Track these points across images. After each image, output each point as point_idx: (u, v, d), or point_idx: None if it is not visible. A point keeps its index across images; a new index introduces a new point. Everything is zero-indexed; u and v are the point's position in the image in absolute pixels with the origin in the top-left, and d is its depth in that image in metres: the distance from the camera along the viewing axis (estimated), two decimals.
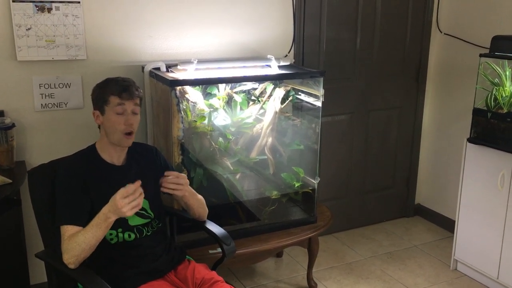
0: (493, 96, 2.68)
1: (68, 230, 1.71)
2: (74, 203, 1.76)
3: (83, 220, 1.73)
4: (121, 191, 1.60)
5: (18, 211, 2.32)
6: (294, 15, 2.95)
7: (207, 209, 2.08)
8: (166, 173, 1.88)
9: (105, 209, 1.65)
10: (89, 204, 1.76)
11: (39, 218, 1.88)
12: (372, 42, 3.29)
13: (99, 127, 1.89)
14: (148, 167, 1.97)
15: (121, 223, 1.82)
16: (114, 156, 1.88)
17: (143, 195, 1.63)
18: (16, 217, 2.32)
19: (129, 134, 1.83)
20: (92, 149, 1.89)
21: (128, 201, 1.59)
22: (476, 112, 2.74)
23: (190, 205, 1.99)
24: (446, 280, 2.94)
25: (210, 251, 2.33)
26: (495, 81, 2.69)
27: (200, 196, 2.04)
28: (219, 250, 2.03)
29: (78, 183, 1.78)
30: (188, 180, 1.91)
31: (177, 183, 1.87)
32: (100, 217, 1.65)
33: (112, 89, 1.80)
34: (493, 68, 2.69)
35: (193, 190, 1.99)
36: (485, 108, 2.70)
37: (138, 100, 1.86)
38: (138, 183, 1.62)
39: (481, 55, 2.71)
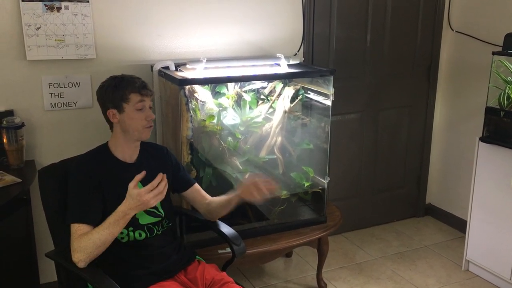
0: (506, 95, 2.64)
1: (79, 228, 1.71)
2: (86, 202, 1.76)
3: (94, 219, 1.74)
4: (147, 187, 1.64)
5: (28, 210, 2.33)
6: (303, 13, 2.93)
7: None
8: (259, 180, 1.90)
9: (123, 206, 1.67)
10: (101, 202, 1.77)
11: (49, 217, 1.88)
12: (383, 40, 3.26)
13: (110, 126, 1.90)
14: (159, 165, 1.97)
15: (132, 222, 1.82)
16: (127, 153, 1.89)
17: (166, 183, 1.67)
18: (26, 216, 2.33)
19: (149, 127, 1.88)
20: (104, 147, 1.90)
21: (153, 194, 1.64)
22: (489, 111, 2.70)
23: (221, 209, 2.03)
24: (458, 281, 2.91)
25: (219, 251, 2.33)
26: (508, 79, 2.65)
27: None
28: (228, 250, 2.02)
29: (91, 181, 1.78)
30: None
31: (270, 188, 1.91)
32: (118, 214, 1.67)
33: (131, 87, 1.83)
34: (506, 66, 2.65)
35: None
36: (498, 107, 2.67)
37: (153, 95, 1.92)
38: (160, 175, 1.67)
39: (494, 53, 2.68)
